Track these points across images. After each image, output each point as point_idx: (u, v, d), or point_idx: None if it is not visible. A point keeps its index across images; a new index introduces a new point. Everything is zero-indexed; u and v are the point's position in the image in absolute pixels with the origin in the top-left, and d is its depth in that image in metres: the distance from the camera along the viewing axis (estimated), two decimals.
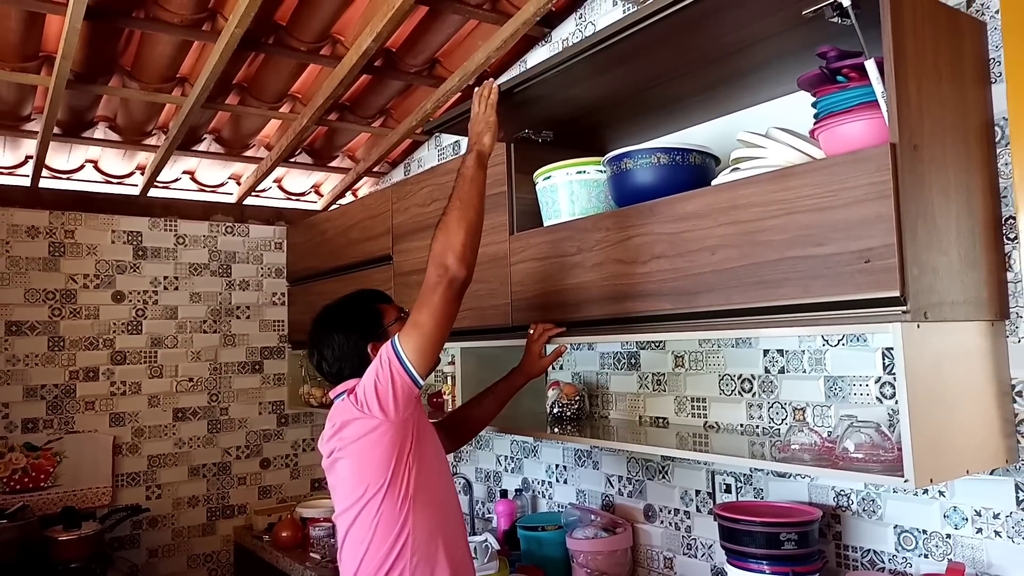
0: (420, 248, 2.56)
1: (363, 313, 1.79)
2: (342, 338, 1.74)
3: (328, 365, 1.76)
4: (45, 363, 2.98)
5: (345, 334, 1.75)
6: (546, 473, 2.59)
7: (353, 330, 1.75)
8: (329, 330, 1.77)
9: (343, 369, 1.75)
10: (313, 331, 1.81)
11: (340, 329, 1.76)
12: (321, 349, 1.76)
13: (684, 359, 2.09)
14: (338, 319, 1.79)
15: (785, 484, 1.83)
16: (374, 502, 1.58)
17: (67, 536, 2.64)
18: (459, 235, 1.60)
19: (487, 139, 1.77)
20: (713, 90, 1.82)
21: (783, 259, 1.39)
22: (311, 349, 1.80)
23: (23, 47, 2.32)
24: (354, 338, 1.74)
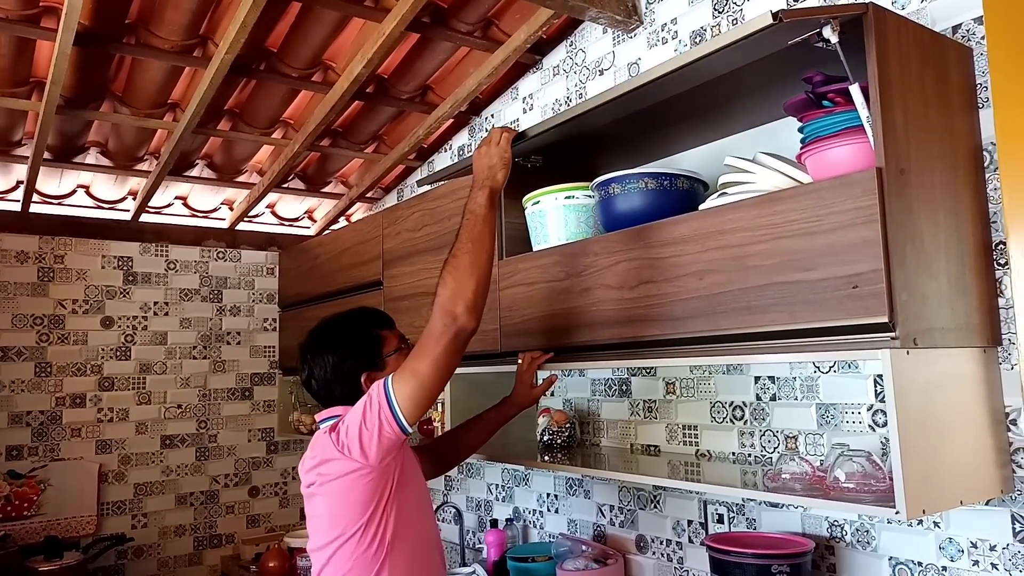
0: (410, 273, 2.54)
1: (363, 338, 1.68)
2: (336, 361, 1.64)
3: (317, 384, 1.67)
4: (31, 389, 2.95)
5: (340, 358, 1.64)
6: (537, 502, 2.55)
7: (349, 355, 1.65)
8: (324, 350, 1.66)
9: (333, 392, 1.66)
10: (308, 346, 1.70)
11: (336, 351, 1.65)
12: (312, 368, 1.67)
13: (675, 386, 2.06)
14: (336, 340, 1.68)
15: (778, 514, 1.80)
16: (349, 545, 1.50)
17: (49, 567, 2.59)
18: (470, 282, 1.50)
19: (500, 175, 1.68)
20: (700, 116, 1.81)
21: (771, 284, 1.37)
22: (302, 364, 1.70)
23: (13, 72, 2.32)
24: (349, 364, 1.64)
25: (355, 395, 1.60)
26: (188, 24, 2.20)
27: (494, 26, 2.42)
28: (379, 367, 1.65)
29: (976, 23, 1.50)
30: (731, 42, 1.35)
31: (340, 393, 1.65)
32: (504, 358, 2.07)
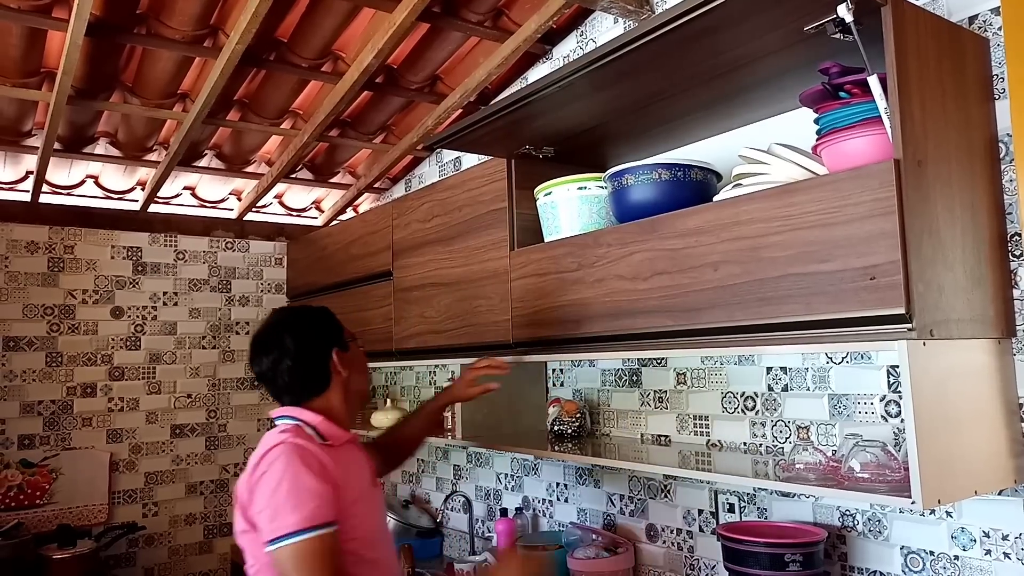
0: (420, 264, 2.55)
1: (330, 321, 1.72)
2: (313, 336, 1.65)
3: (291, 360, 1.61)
4: (42, 379, 2.96)
5: (316, 333, 1.66)
6: (547, 491, 2.56)
7: (323, 331, 1.67)
8: (300, 326, 1.66)
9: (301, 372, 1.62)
10: (276, 327, 1.66)
11: (311, 327, 1.67)
12: (285, 343, 1.62)
13: (686, 376, 2.07)
14: (301, 324, 1.67)
15: (789, 504, 1.81)
16: None
17: (62, 554, 2.61)
18: None
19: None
20: (714, 107, 1.81)
21: (786, 276, 1.37)
22: (269, 345, 1.63)
23: (24, 63, 2.32)
24: (324, 339, 1.65)
25: (322, 375, 1.63)
26: (199, 14, 2.20)
27: (504, 16, 2.42)
28: (345, 347, 1.69)
29: (993, 13, 1.49)
30: None
31: (308, 373, 1.63)
32: (515, 348, 2.07)
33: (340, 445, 1.58)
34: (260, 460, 1.47)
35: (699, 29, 1.41)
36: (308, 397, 1.63)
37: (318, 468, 1.44)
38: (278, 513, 1.38)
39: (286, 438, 1.48)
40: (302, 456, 1.44)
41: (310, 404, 1.63)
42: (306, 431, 1.55)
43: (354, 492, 1.53)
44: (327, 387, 1.65)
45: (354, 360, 1.72)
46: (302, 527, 1.36)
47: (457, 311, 2.34)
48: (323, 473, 1.44)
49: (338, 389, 1.66)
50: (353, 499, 1.51)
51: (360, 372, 1.75)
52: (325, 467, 1.46)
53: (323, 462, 1.46)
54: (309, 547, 1.36)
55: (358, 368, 1.74)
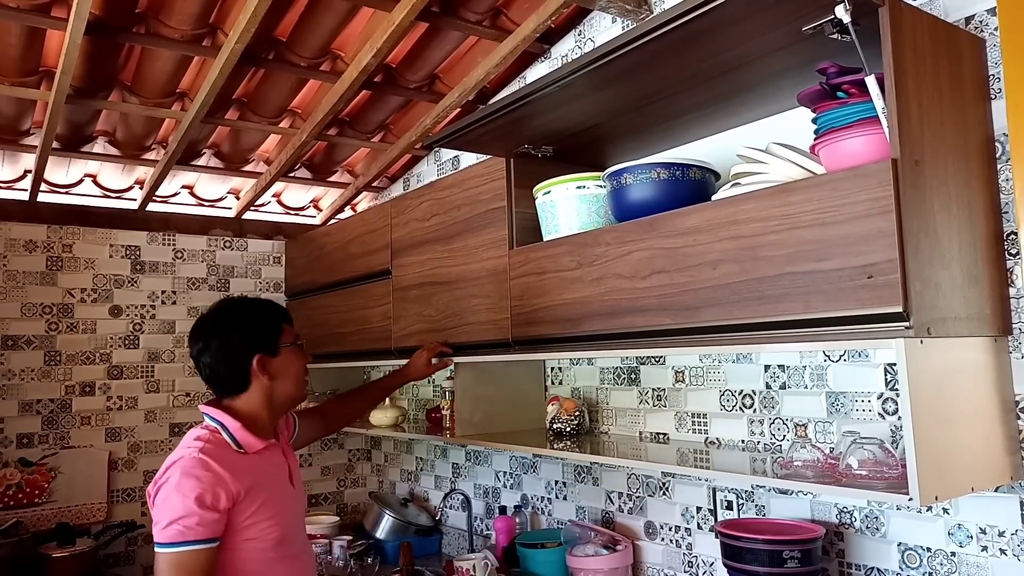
0: (419, 263, 2.56)
1: (265, 323, 1.75)
2: (235, 339, 1.69)
3: (210, 359, 1.70)
4: (41, 378, 2.96)
5: (241, 334, 1.70)
6: (546, 489, 2.57)
7: (248, 335, 1.70)
8: (225, 327, 1.71)
9: (220, 370, 1.70)
10: (209, 319, 1.74)
11: (237, 330, 1.71)
12: (209, 342, 1.70)
13: (685, 374, 2.08)
14: (239, 319, 1.73)
15: (787, 501, 1.82)
16: None
17: (61, 553, 2.61)
18: None
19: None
20: (713, 106, 1.82)
21: (784, 274, 1.38)
22: (200, 334, 1.72)
23: (23, 62, 2.32)
24: (247, 343, 1.69)
25: (240, 377, 1.70)
26: (198, 14, 2.20)
27: (503, 15, 2.42)
28: (273, 353, 1.73)
29: (989, 14, 1.50)
30: None
31: (226, 372, 1.70)
32: (514, 347, 2.08)
33: (256, 452, 1.68)
34: (166, 470, 1.58)
35: (698, 29, 1.42)
36: (227, 395, 1.72)
37: (209, 484, 1.54)
38: (159, 523, 1.53)
39: (191, 451, 1.58)
40: (198, 476, 1.54)
41: (233, 402, 1.72)
42: (223, 436, 1.65)
43: (264, 496, 1.64)
44: (245, 389, 1.71)
45: (284, 367, 1.75)
46: (174, 540, 1.51)
47: (456, 309, 2.34)
48: (215, 488, 1.54)
49: (259, 393, 1.72)
50: (263, 503, 1.63)
51: (289, 378, 1.77)
52: (221, 479, 1.55)
53: (220, 475, 1.56)
54: (177, 559, 1.51)
55: (287, 375, 1.76)
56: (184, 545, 1.51)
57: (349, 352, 2.96)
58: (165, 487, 1.55)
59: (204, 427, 1.67)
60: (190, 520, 1.51)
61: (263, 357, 1.70)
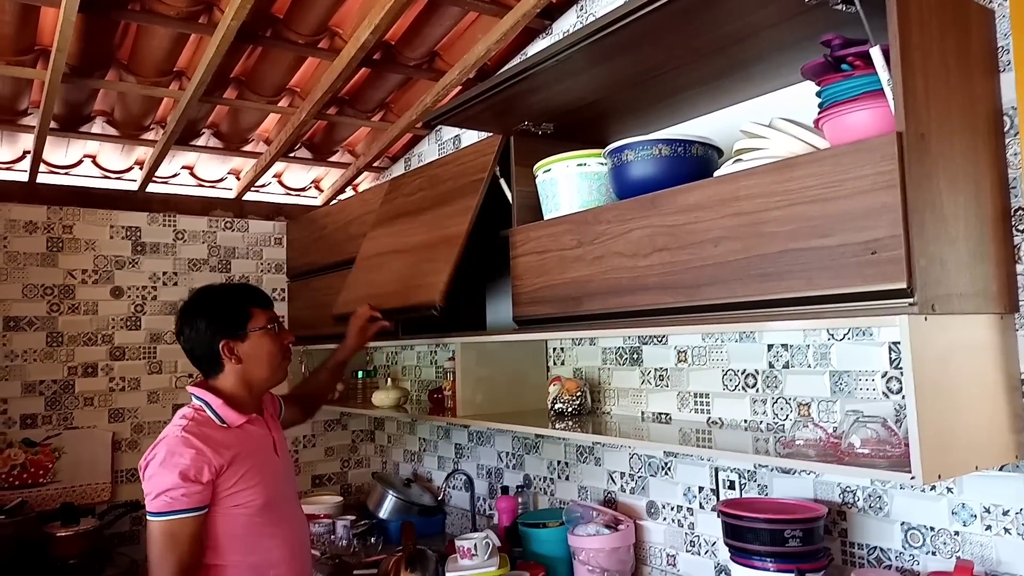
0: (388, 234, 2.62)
1: (232, 309, 1.85)
2: (203, 325, 1.82)
3: (184, 342, 1.86)
4: (43, 359, 2.96)
5: (207, 322, 1.82)
6: (548, 469, 2.57)
7: (214, 322, 1.82)
8: (195, 314, 1.85)
9: (194, 351, 1.85)
10: (185, 306, 1.89)
11: (204, 316, 1.83)
12: (183, 325, 1.86)
13: (687, 354, 2.07)
14: (206, 306, 1.85)
15: (790, 480, 1.81)
16: None
17: (65, 532, 2.62)
18: None
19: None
20: (715, 81, 1.79)
21: (787, 251, 1.36)
22: (178, 320, 1.88)
23: (18, 40, 2.30)
24: (212, 330, 1.81)
25: (212, 360, 1.83)
26: None
27: None
28: (239, 338, 1.83)
29: None
30: None
31: (200, 355, 1.84)
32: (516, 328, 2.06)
33: (238, 426, 1.79)
34: (154, 447, 1.70)
35: (699, 1, 1.39)
36: (208, 376, 1.86)
37: (190, 459, 1.65)
38: (149, 495, 1.66)
39: (176, 430, 1.70)
40: (180, 452, 1.65)
41: (215, 382, 1.85)
42: (207, 413, 1.77)
43: (247, 466, 1.75)
44: (220, 371, 1.84)
45: (253, 351, 1.85)
46: (163, 510, 1.63)
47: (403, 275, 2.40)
48: (197, 462, 1.65)
49: (232, 375, 1.84)
50: (246, 473, 1.74)
51: (260, 362, 1.86)
52: (202, 454, 1.66)
53: (202, 450, 1.67)
54: (166, 527, 1.63)
55: (257, 358, 1.86)
56: (172, 514, 1.63)
57: None
58: (153, 463, 1.68)
59: (191, 406, 1.81)
60: (176, 492, 1.63)
61: (229, 342, 1.82)
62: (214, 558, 1.71)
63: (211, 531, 1.70)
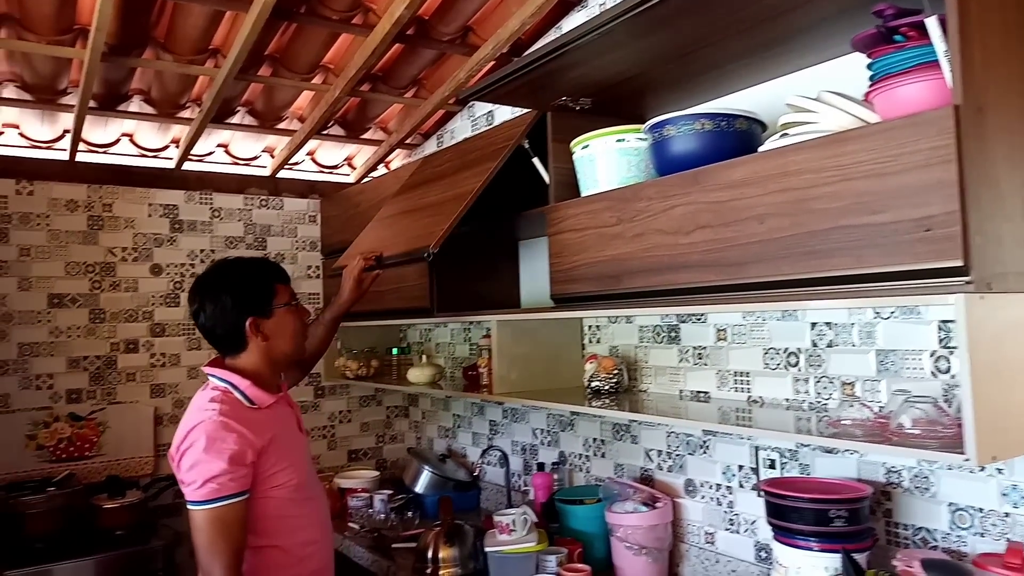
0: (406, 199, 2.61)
1: (257, 285, 1.80)
2: (228, 302, 1.75)
3: (205, 319, 1.77)
4: (87, 335, 3.02)
5: (232, 298, 1.75)
6: (583, 447, 2.57)
7: (240, 298, 1.76)
8: (219, 289, 1.77)
9: (216, 329, 1.78)
10: (204, 281, 1.81)
11: (229, 292, 1.76)
12: (204, 302, 1.77)
13: (727, 332, 2.04)
14: (232, 281, 1.79)
15: (833, 460, 1.79)
16: None
17: (112, 504, 2.69)
18: None
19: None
20: (759, 53, 1.74)
21: (836, 228, 1.33)
22: (195, 296, 1.80)
23: (58, 20, 2.31)
24: (239, 307, 1.75)
25: (236, 338, 1.76)
26: None
27: None
28: (266, 315, 1.78)
29: None
30: None
31: (223, 333, 1.77)
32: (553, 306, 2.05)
33: (267, 407, 1.76)
34: (186, 435, 1.65)
35: None
36: (227, 354, 1.80)
37: (234, 443, 1.62)
38: (192, 484, 1.62)
39: (211, 414, 1.64)
40: (222, 437, 1.62)
41: (235, 361, 1.79)
42: (235, 395, 1.72)
43: (281, 447, 1.73)
44: (243, 349, 1.78)
45: (278, 327, 1.81)
46: (209, 497, 1.59)
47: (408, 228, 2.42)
48: (241, 445, 1.62)
49: (257, 353, 1.79)
50: (281, 454, 1.73)
51: (285, 337, 1.83)
52: (244, 437, 1.64)
53: (243, 433, 1.64)
54: (214, 514, 1.59)
55: (283, 334, 1.82)
56: (219, 501, 1.60)
57: (386, 311, 2.96)
58: (191, 451, 1.63)
59: (214, 388, 1.74)
60: (223, 478, 1.60)
61: (256, 319, 1.76)
62: (255, 541, 1.69)
63: (252, 514, 1.68)
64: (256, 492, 1.69)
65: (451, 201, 2.26)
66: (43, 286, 2.95)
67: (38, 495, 2.60)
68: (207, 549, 1.60)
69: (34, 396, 2.91)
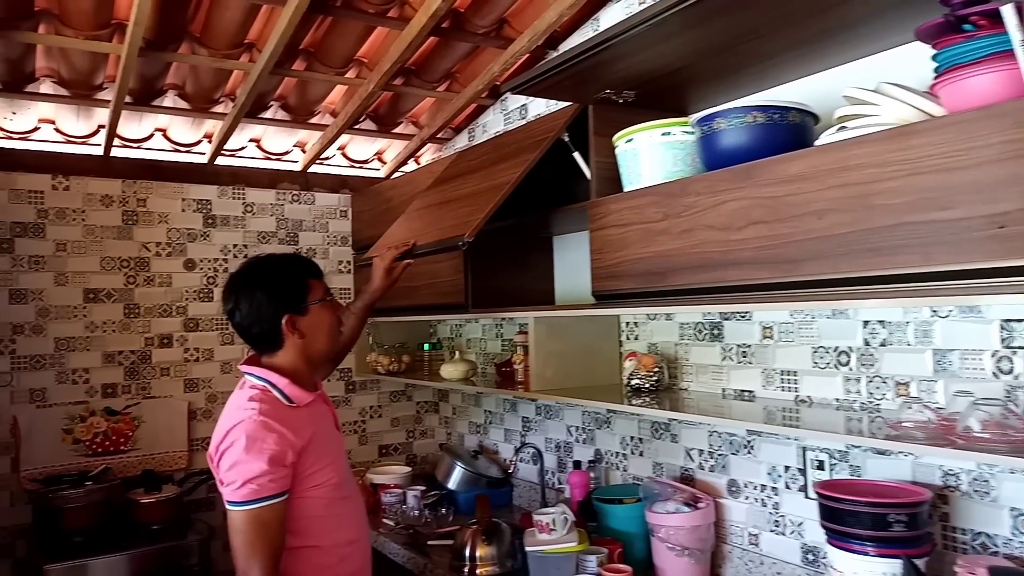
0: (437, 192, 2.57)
1: (292, 282, 1.78)
2: (263, 299, 1.73)
3: (241, 318, 1.75)
4: (122, 330, 3.03)
5: (268, 296, 1.73)
6: (620, 445, 2.54)
7: (276, 296, 1.74)
8: (254, 287, 1.74)
9: (252, 328, 1.75)
10: (237, 279, 1.78)
11: (265, 290, 1.74)
12: (239, 300, 1.74)
13: (773, 330, 2.00)
14: (267, 279, 1.76)
15: (886, 462, 1.74)
16: None
17: (149, 499, 2.70)
18: None
19: None
20: (814, 43, 1.70)
21: (901, 224, 1.29)
22: (229, 295, 1.77)
23: (96, 15, 2.31)
24: (274, 304, 1.73)
25: (273, 336, 1.74)
26: None
27: None
28: (302, 312, 1.75)
29: None
30: None
31: (259, 332, 1.75)
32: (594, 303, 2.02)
33: (305, 405, 1.73)
34: (226, 434, 1.63)
35: None
36: (264, 353, 1.78)
37: (275, 443, 1.60)
38: (232, 484, 1.59)
39: (251, 414, 1.62)
40: (263, 437, 1.59)
41: (272, 359, 1.76)
42: (273, 394, 1.69)
43: (321, 446, 1.72)
44: (280, 347, 1.76)
45: (314, 324, 1.79)
46: (246, 499, 1.57)
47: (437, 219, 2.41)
48: (281, 445, 1.60)
49: (293, 351, 1.76)
50: (320, 453, 1.71)
51: (321, 334, 1.80)
52: (284, 437, 1.61)
53: (283, 433, 1.61)
54: (253, 515, 1.57)
55: (319, 331, 1.80)
56: (259, 502, 1.58)
57: (419, 306, 2.95)
58: (231, 451, 1.61)
59: (252, 387, 1.71)
60: (263, 479, 1.58)
61: (292, 317, 1.74)
62: (295, 541, 1.67)
63: (291, 514, 1.65)
64: (295, 492, 1.67)
65: (487, 192, 2.24)
66: (79, 281, 2.96)
67: (77, 489, 2.61)
68: (245, 550, 1.58)
69: (70, 390, 2.92)
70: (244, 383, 1.76)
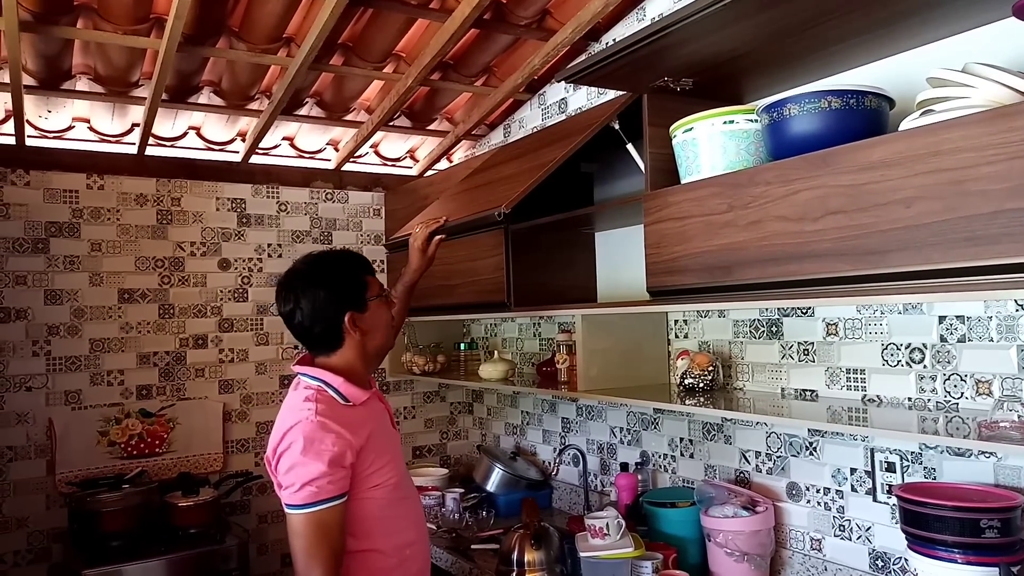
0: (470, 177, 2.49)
1: (351, 279, 1.74)
2: (325, 297, 1.69)
3: (302, 317, 1.70)
4: (156, 331, 3.00)
5: (329, 294, 1.69)
6: (669, 446, 2.46)
7: (338, 293, 1.70)
8: (315, 285, 1.70)
9: (314, 327, 1.70)
10: (296, 278, 1.73)
11: (326, 288, 1.70)
12: (300, 300, 1.69)
13: (838, 327, 1.92)
14: (327, 277, 1.72)
15: (964, 464, 1.66)
16: None
17: (187, 502, 2.65)
18: None
19: None
20: (888, 26, 1.62)
21: (1002, 211, 1.21)
22: (288, 294, 1.72)
23: (135, 9, 2.27)
24: (337, 302, 1.69)
25: (334, 335, 1.70)
26: None
27: None
28: (362, 309, 1.72)
29: None
30: None
31: (320, 331, 1.70)
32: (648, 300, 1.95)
33: (361, 404, 1.68)
34: (283, 436, 1.58)
35: None
36: (321, 353, 1.73)
37: (333, 444, 1.55)
38: (290, 488, 1.55)
39: (308, 415, 1.57)
40: (321, 439, 1.55)
41: (328, 359, 1.72)
42: (329, 393, 1.65)
43: (379, 444, 1.67)
44: (340, 346, 1.72)
45: (374, 320, 1.75)
46: (305, 502, 1.53)
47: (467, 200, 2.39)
48: (340, 446, 1.56)
49: (353, 349, 1.73)
50: (380, 452, 1.66)
51: (379, 331, 1.78)
52: (343, 437, 1.57)
53: (341, 433, 1.57)
54: (313, 518, 1.53)
55: (376, 328, 1.77)
56: (319, 504, 1.54)
57: (457, 304, 2.89)
58: (288, 454, 1.57)
59: (307, 387, 1.66)
60: (322, 481, 1.54)
61: (354, 314, 1.71)
62: (355, 544, 1.63)
63: (351, 516, 1.61)
64: (354, 493, 1.62)
65: (528, 171, 2.18)
66: (114, 281, 2.93)
67: (114, 493, 2.57)
68: (305, 554, 1.53)
69: (105, 392, 2.89)
70: (298, 383, 1.71)
